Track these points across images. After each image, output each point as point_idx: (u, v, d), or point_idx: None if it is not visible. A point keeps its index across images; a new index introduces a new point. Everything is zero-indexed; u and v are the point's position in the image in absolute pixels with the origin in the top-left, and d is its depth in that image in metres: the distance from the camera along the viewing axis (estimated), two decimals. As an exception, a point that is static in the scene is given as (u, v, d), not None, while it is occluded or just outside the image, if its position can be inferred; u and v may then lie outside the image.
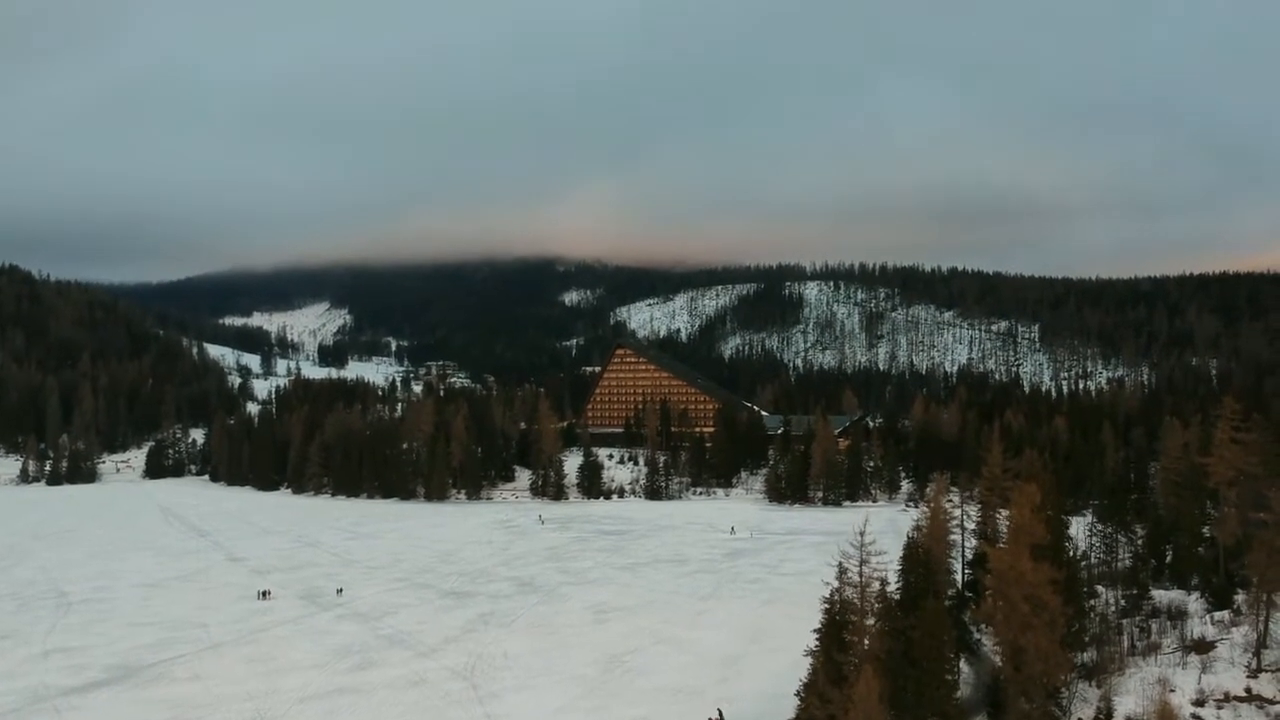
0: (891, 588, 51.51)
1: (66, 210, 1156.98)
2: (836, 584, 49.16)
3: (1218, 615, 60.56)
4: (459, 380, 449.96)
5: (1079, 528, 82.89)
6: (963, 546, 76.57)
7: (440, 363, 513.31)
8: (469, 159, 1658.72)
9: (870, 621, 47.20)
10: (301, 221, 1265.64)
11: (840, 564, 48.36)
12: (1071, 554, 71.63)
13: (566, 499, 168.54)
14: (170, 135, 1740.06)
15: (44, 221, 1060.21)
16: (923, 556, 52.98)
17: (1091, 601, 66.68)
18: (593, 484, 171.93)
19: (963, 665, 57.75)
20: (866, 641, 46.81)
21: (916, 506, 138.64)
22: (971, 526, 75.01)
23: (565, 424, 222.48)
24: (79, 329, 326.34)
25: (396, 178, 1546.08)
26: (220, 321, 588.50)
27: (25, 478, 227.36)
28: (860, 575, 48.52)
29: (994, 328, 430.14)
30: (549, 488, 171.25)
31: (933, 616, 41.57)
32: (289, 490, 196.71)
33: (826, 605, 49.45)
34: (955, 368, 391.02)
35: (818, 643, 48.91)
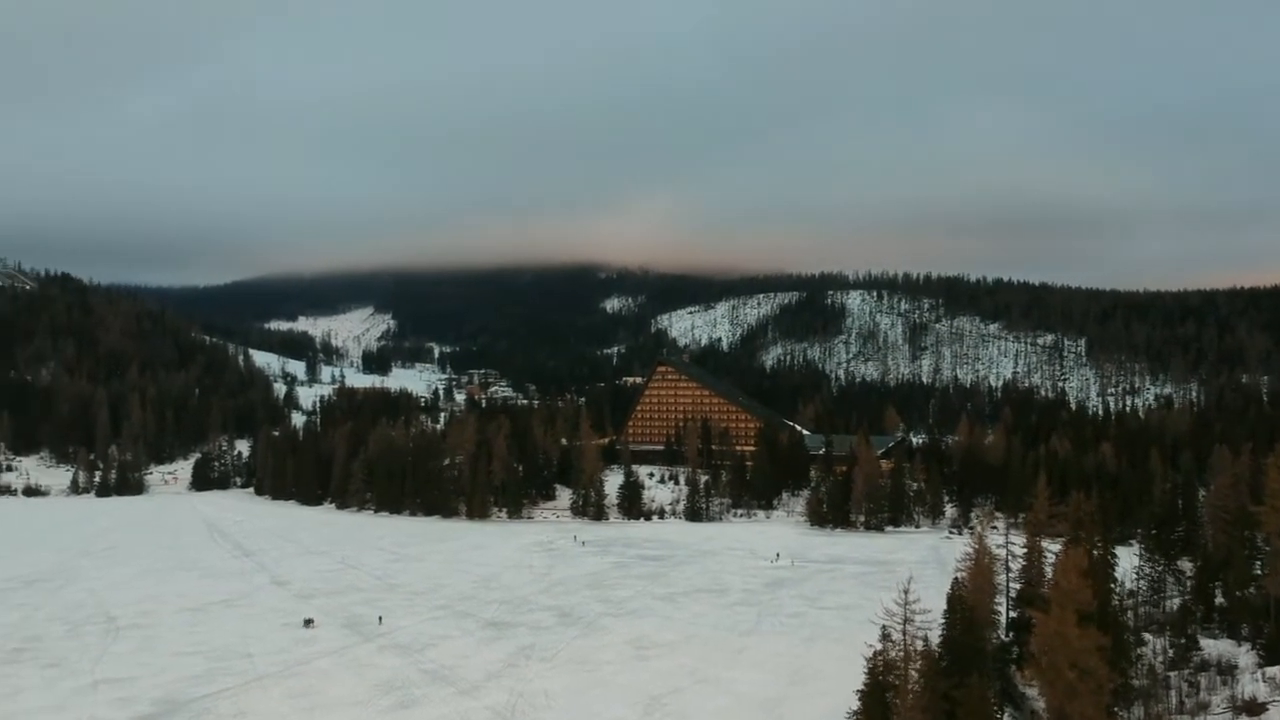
0: (935, 642, 51.16)
1: (118, 216, 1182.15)
2: (880, 645, 49.00)
3: (1269, 671, 59.28)
4: (501, 389, 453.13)
5: (1126, 557, 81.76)
6: (1007, 587, 75.66)
7: (483, 371, 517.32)
8: (519, 171, 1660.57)
9: (914, 682, 46.88)
10: (348, 230, 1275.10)
11: (884, 626, 48.14)
12: (1118, 599, 70.72)
13: (607, 519, 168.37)
14: (227, 149, 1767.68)
15: (95, 227, 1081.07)
16: (966, 614, 52.47)
17: (1139, 650, 65.68)
18: (633, 505, 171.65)
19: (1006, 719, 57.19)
20: (910, 699, 46.54)
21: (960, 533, 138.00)
22: (1016, 569, 74.05)
23: (606, 440, 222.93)
24: (127, 339, 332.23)
25: (445, 189, 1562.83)
26: (266, 326, 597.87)
27: (75, 489, 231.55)
28: (904, 635, 48.27)
29: (1040, 341, 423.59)
30: (589, 508, 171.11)
31: (976, 695, 41.06)
32: (333, 505, 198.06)
33: (869, 666, 49.23)
34: (1000, 382, 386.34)
35: (860, 704, 48.66)
